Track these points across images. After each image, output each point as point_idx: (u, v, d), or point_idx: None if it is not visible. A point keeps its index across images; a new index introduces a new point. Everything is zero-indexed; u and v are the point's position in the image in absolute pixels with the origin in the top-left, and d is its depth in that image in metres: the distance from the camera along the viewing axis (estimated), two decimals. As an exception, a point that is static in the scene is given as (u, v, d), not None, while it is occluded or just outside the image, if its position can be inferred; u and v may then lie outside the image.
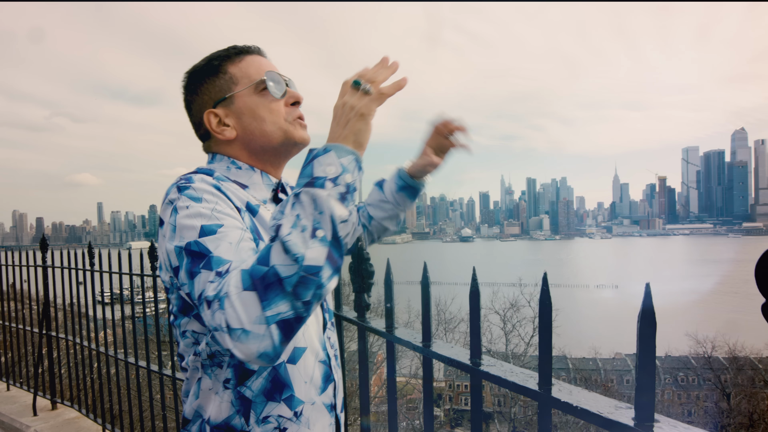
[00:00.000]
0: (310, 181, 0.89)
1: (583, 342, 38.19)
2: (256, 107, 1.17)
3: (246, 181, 1.20)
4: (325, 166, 0.91)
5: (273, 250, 0.84)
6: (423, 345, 1.30)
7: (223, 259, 0.90)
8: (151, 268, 3.24)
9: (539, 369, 0.92)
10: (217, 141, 1.22)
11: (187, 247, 0.94)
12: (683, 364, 36.53)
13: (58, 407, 4.38)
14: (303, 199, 0.88)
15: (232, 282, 0.84)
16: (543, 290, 0.89)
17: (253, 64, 1.20)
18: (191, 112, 1.24)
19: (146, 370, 3.38)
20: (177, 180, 1.08)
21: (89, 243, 4.00)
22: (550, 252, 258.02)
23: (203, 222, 0.96)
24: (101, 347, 3.79)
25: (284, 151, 1.22)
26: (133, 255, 3.48)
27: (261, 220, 1.13)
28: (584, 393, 0.87)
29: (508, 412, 26.76)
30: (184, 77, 1.24)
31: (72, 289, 4.01)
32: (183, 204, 0.99)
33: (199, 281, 0.90)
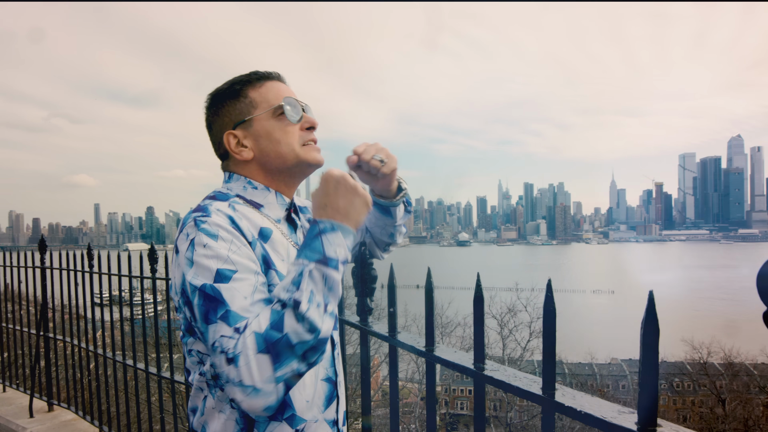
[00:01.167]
0: (322, 259, 1.01)
1: (579, 347, 38.20)
2: (273, 130, 1.24)
3: (261, 201, 1.27)
4: (336, 247, 1.03)
5: (286, 318, 0.95)
6: (426, 349, 1.32)
7: (240, 316, 0.98)
8: (150, 270, 3.25)
9: (543, 374, 0.94)
10: (235, 161, 1.28)
11: (202, 288, 1.02)
12: (679, 369, 36.58)
13: (55, 409, 4.36)
14: (316, 276, 0.99)
15: (248, 343, 0.93)
16: (547, 296, 0.91)
17: (273, 90, 1.26)
18: (212, 132, 1.31)
19: (144, 372, 3.38)
20: (195, 208, 1.15)
21: (89, 244, 3.99)
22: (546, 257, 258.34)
23: (219, 266, 1.03)
24: (99, 349, 3.79)
25: (298, 172, 1.29)
26: (133, 257, 3.48)
27: (273, 244, 1.20)
28: (587, 398, 0.88)
29: (504, 416, 26.72)
30: (207, 99, 1.30)
31: (71, 291, 4.01)
32: (200, 241, 1.06)
33: (215, 331, 0.98)
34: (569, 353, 36.81)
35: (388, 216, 1.51)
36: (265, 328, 0.94)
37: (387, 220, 1.53)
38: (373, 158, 1.31)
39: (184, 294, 1.07)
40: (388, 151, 1.34)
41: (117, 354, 3.62)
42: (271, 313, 0.97)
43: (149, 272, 3.25)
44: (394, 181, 1.43)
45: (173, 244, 1.15)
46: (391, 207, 1.48)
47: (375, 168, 1.33)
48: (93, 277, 3.80)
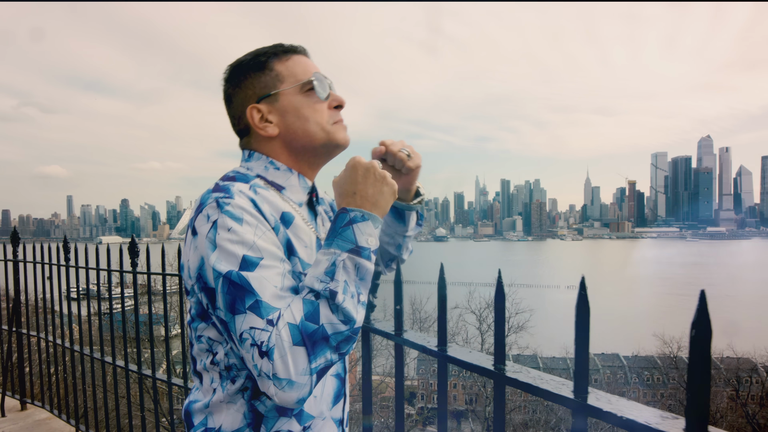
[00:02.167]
0: (355, 249, 0.99)
1: (554, 341, 38.85)
2: (301, 106, 1.18)
3: (283, 183, 1.21)
4: (367, 236, 1.01)
5: (322, 309, 0.93)
6: (439, 349, 1.26)
7: (272, 307, 0.94)
8: (131, 264, 3.13)
9: (575, 376, 0.89)
10: (257, 137, 1.21)
11: (228, 275, 0.97)
12: (650, 363, 37.54)
13: (28, 407, 4.22)
14: (348, 266, 0.97)
15: (284, 336, 0.91)
16: (581, 295, 0.86)
17: (300, 64, 1.20)
18: (231, 106, 1.23)
19: (121, 369, 3.26)
20: (215, 188, 1.08)
21: (65, 237, 3.84)
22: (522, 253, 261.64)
23: (245, 252, 0.98)
24: (75, 345, 3.64)
25: (324, 152, 1.23)
26: (112, 250, 3.35)
27: (295, 229, 1.15)
28: (623, 402, 0.84)
29: (482, 410, 26.97)
30: (226, 69, 1.22)
31: (45, 285, 3.85)
32: (224, 224, 1.00)
33: (245, 322, 0.93)
34: (544, 348, 37.41)
35: (401, 222, 1.42)
36: (299, 319, 0.92)
37: (398, 227, 1.43)
38: (401, 150, 1.28)
39: (201, 279, 1.01)
40: (413, 148, 1.31)
41: (94, 350, 3.49)
42: (304, 304, 0.94)
43: (130, 266, 3.14)
44: (416, 182, 1.37)
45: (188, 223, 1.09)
46: (407, 210, 1.40)
47: (401, 162, 1.28)
48: (69, 271, 3.65)
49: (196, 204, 1.08)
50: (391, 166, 1.30)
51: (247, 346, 0.92)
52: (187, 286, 1.10)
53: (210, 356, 1.10)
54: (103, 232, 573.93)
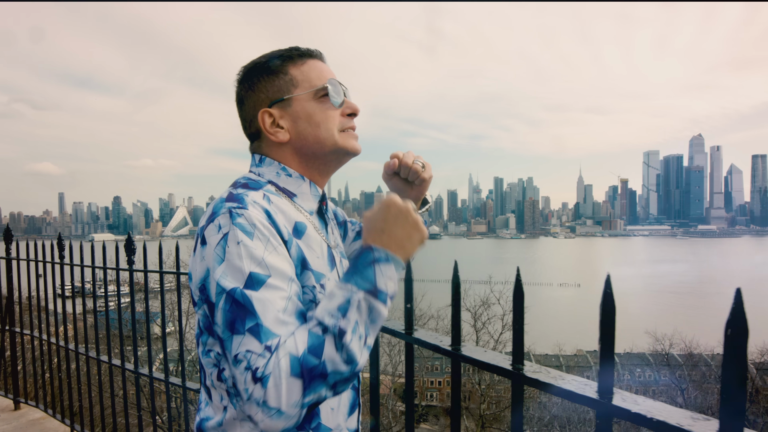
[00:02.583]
0: (372, 290, 0.95)
1: (547, 339, 39.04)
2: (314, 113, 1.16)
3: (295, 190, 1.19)
4: (387, 279, 0.97)
5: (326, 346, 0.89)
6: (453, 348, 1.24)
7: (272, 333, 0.90)
8: (128, 262, 3.09)
9: (599, 376, 0.87)
10: (268, 142, 1.19)
11: (231, 293, 0.93)
12: (642, 360, 37.82)
13: (22, 407, 4.16)
14: (363, 307, 0.93)
15: (282, 365, 0.86)
16: (606, 293, 0.84)
17: (315, 69, 1.18)
18: (243, 108, 1.20)
19: (118, 368, 3.22)
20: (227, 196, 1.05)
21: (59, 234, 3.78)
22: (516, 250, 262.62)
23: (252, 268, 0.94)
24: (70, 344, 3.59)
25: (334, 159, 1.21)
26: (108, 247, 3.30)
27: (308, 240, 1.13)
28: (650, 402, 0.82)
29: (476, 408, 27.01)
30: (240, 71, 1.20)
31: (39, 283, 3.80)
32: (234, 237, 0.97)
33: (242, 344, 0.90)
34: (537, 345, 37.60)
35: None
36: (302, 351, 0.88)
37: None
38: (415, 162, 1.29)
39: (205, 291, 0.98)
40: (423, 159, 1.32)
41: (89, 349, 3.44)
42: (309, 336, 0.90)
43: (127, 264, 3.10)
44: (426, 192, 1.41)
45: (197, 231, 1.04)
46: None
47: (415, 173, 1.31)
48: (64, 269, 3.60)
49: (207, 212, 1.05)
50: (403, 179, 1.34)
51: (242, 368, 0.88)
52: (194, 296, 1.06)
53: (216, 371, 1.08)
54: (95, 229, 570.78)
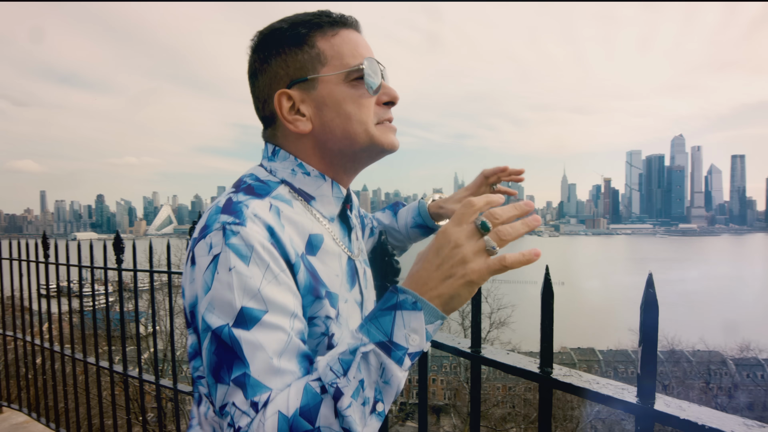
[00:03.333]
0: (386, 343, 0.73)
1: (532, 336, 39.33)
2: (344, 100, 0.94)
3: (313, 192, 0.99)
4: (410, 332, 0.74)
5: (323, 409, 0.72)
6: (473, 351, 1.18)
7: (261, 386, 0.75)
8: (116, 261, 2.99)
9: (639, 379, 0.83)
10: (284, 131, 0.98)
11: (218, 331, 0.77)
12: (625, 357, 38.38)
13: (4, 411, 4.04)
14: (372, 363, 0.73)
15: (267, 426, 0.71)
16: (648, 293, 0.79)
17: (349, 43, 0.95)
18: (256, 84, 0.99)
19: (105, 369, 3.12)
20: (224, 204, 0.87)
21: (44, 233, 3.68)
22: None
23: (245, 302, 0.78)
24: (55, 345, 3.48)
25: (366, 157, 1.00)
26: (91, 246, 3.20)
27: (324, 255, 0.95)
28: (695, 407, 0.78)
29: (462, 405, 27.13)
30: (255, 36, 0.98)
31: (23, 283, 3.68)
32: (226, 261, 0.79)
33: (226, 395, 0.76)
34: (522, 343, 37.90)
35: (425, 236, 1.51)
36: (293, 411, 0.72)
37: (420, 238, 1.52)
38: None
39: (194, 318, 0.85)
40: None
41: (75, 350, 3.34)
42: (305, 392, 0.73)
43: (116, 263, 3.00)
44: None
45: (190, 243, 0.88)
46: (436, 229, 1.46)
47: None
48: (49, 268, 3.49)
49: (201, 223, 0.87)
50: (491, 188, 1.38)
51: (226, 423, 0.75)
52: (187, 317, 0.90)
53: (208, 404, 0.93)
54: (78, 228, 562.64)
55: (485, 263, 0.74)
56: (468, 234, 0.75)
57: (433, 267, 0.76)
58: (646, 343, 0.81)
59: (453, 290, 0.74)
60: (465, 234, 0.75)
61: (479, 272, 0.74)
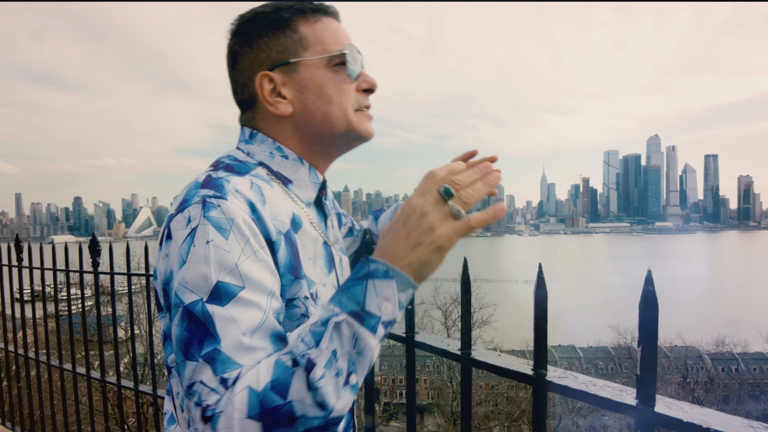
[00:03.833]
0: (358, 312, 0.72)
1: (514, 335, 39.69)
2: (325, 84, 0.95)
3: (290, 175, 0.99)
4: (382, 300, 0.72)
5: (294, 382, 0.69)
6: (463, 353, 1.15)
7: (232, 362, 0.71)
8: (92, 264, 2.90)
9: (638, 384, 0.81)
10: (264, 114, 0.98)
11: (190, 306, 0.74)
12: (605, 354, 38.93)
13: (-23, 421, 3.89)
14: (344, 333, 0.71)
15: (236, 403, 0.68)
16: (647, 290, 0.78)
17: (331, 30, 0.97)
18: (236, 67, 0.98)
19: (82, 375, 3.03)
20: (204, 180, 0.85)
21: (17, 236, 3.56)
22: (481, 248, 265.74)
23: (221, 277, 0.75)
24: (30, 351, 3.37)
25: (343, 143, 1.01)
26: (66, 249, 3.10)
27: (302, 236, 0.94)
28: (698, 409, 0.76)
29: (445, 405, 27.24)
30: (236, 20, 0.98)
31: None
32: (204, 234, 0.77)
33: (195, 371, 0.72)
34: (505, 341, 38.23)
35: None
36: (263, 385, 0.69)
37: None
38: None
39: (166, 295, 0.81)
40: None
41: (47, 356, 3.23)
42: (276, 366, 0.71)
43: (92, 266, 2.91)
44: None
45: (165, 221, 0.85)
46: None
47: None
48: (22, 272, 3.37)
49: (178, 199, 0.85)
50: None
51: (193, 402, 0.72)
52: (158, 298, 0.88)
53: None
54: (55, 231, 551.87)
55: (452, 227, 0.74)
56: (433, 202, 0.75)
57: (401, 237, 0.75)
58: (646, 343, 0.79)
59: (423, 257, 0.74)
60: (430, 202, 0.75)
61: (447, 237, 0.74)
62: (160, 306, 0.88)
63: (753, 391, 33.43)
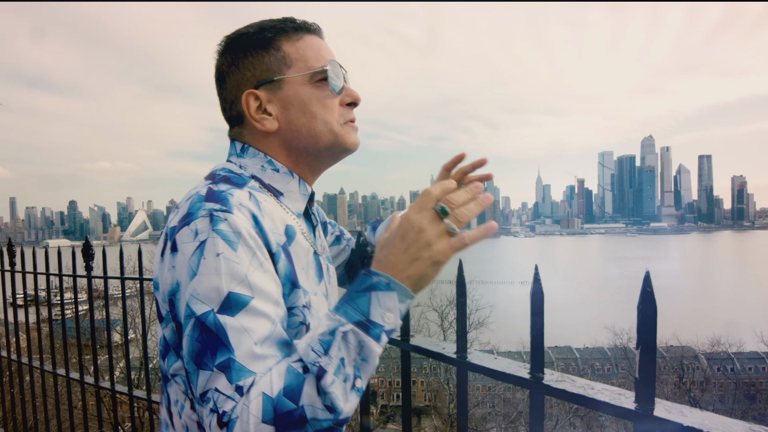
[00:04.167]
0: (364, 322, 0.78)
1: (511, 336, 39.75)
2: (309, 100, 0.99)
3: (282, 188, 1.03)
4: (385, 311, 0.79)
5: (306, 388, 0.74)
6: (458, 356, 1.14)
7: (246, 370, 0.76)
8: (86, 268, 2.88)
9: (637, 384, 0.79)
10: (251, 130, 1.03)
11: (202, 318, 0.78)
12: (601, 354, 39.01)
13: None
14: (351, 341, 0.77)
15: (252, 409, 0.73)
16: (645, 291, 0.76)
17: (313, 47, 1.01)
18: (224, 87, 1.03)
19: (80, 382, 3.00)
20: (207, 193, 0.88)
21: (9, 240, 3.52)
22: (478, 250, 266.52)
23: (232, 288, 0.79)
24: (23, 357, 3.34)
25: (330, 156, 1.06)
26: (59, 253, 3.08)
27: (296, 247, 0.98)
28: (698, 412, 0.75)
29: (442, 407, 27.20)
30: (223, 41, 1.02)
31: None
32: (214, 247, 0.81)
33: (209, 380, 0.76)
34: (501, 343, 38.28)
35: None
36: (277, 392, 0.73)
37: None
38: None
39: (173, 306, 0.84)
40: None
41: (41, 362, 3.20)
42: (288, 373, 0.75)
43: (85, 270, 2.88)
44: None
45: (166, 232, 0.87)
46: None
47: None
48: (15, 277, 3.34)
49: (181, 211, 0.87)
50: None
51: (208, 409, 0.76)
52: (159, 308, 0.90)
53: (188, 401, 0.91)
54: (50, 235, 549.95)
55: (448, 243, 0.81)
56: (430, 219, 0.81)
57: (400, 251, 0.81)
58: (644, 346, 0.78)
59: (421, 271, 0.81)
60: (427, 219, 0.81)
61: (444, 253, 0.81)
62: (161, 316, 0.91)
63: (749, 390, 33.57)
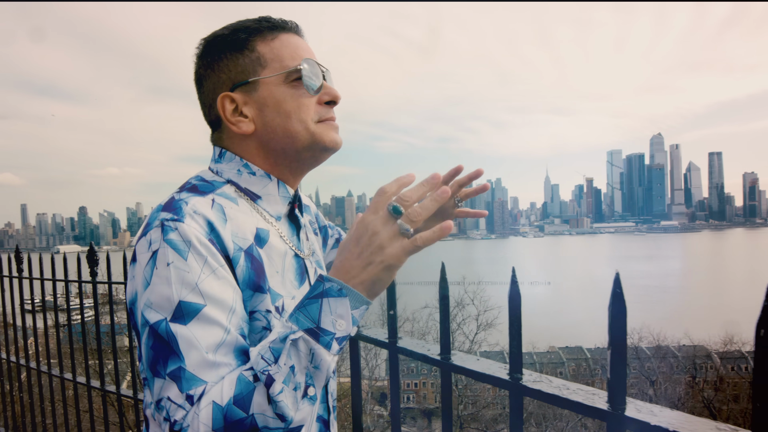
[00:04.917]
0: (314, 330, 0.77)
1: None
2: (284, 100, 0.97)
3: (259, 191, 1.02)
4: (336, 318, 0.78)
5: (256, 396, 0.75)
6: (442, 358, 1.16)
7: (196, 379, 0.77)
8: (90, 273, 2.92)
9: (609, 385, 0.80)
10: (229, 133, 1.01)
11: (155, 326, 0.79)
12: (611, 355, 38.75)
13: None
14: (301, 349, 0.76)
15: (202, 417, 0.74)
16: (615, 292, 0.77)
17: (288, 46, 0.99)
18: (202, 89, 1.02)
19: (83, 385, 3.04)
20: (166, 203, 0.89)
21: (16, 247, 3.58)
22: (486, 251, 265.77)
23: (182, 296, 0.80)
24: (31, 362, 3.39)
25: (309, 156, 1.02)
26: (65, 259, 3.12)
27: (269, 250, 0.97)
28: (668, 412, 0.75)
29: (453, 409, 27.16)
30: (199, 44, 1.01)
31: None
32: (164, 256, 0.82)
33: (162, 389, 0.78)
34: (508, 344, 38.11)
35: None
36: (227, 400, 0.74)
37: None
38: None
39: (133, 315, 0.85)
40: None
41: (48, 366, 3.25)
42: (238, 382, 0.76)
43: (89, 275, 2.93)
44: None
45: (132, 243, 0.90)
46: None
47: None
48: (23, 283, 3.40)
49: (144, 222, 0.90)
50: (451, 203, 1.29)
51: (162, 417, 0.77)
52: (128, 315, 0.91)
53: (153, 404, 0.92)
54: (61, 241, 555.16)
55: (401, 246, 0.78)
56: (383, 221, 0.79)
57: (354, 256, 0.80)
58: (615, 346, 0.79)
59: (374, 276, 0.79)
60: (381, 221, 0.79)
61: (396, 256, 0.79)
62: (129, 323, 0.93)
63: (763, 389, 33.15)
